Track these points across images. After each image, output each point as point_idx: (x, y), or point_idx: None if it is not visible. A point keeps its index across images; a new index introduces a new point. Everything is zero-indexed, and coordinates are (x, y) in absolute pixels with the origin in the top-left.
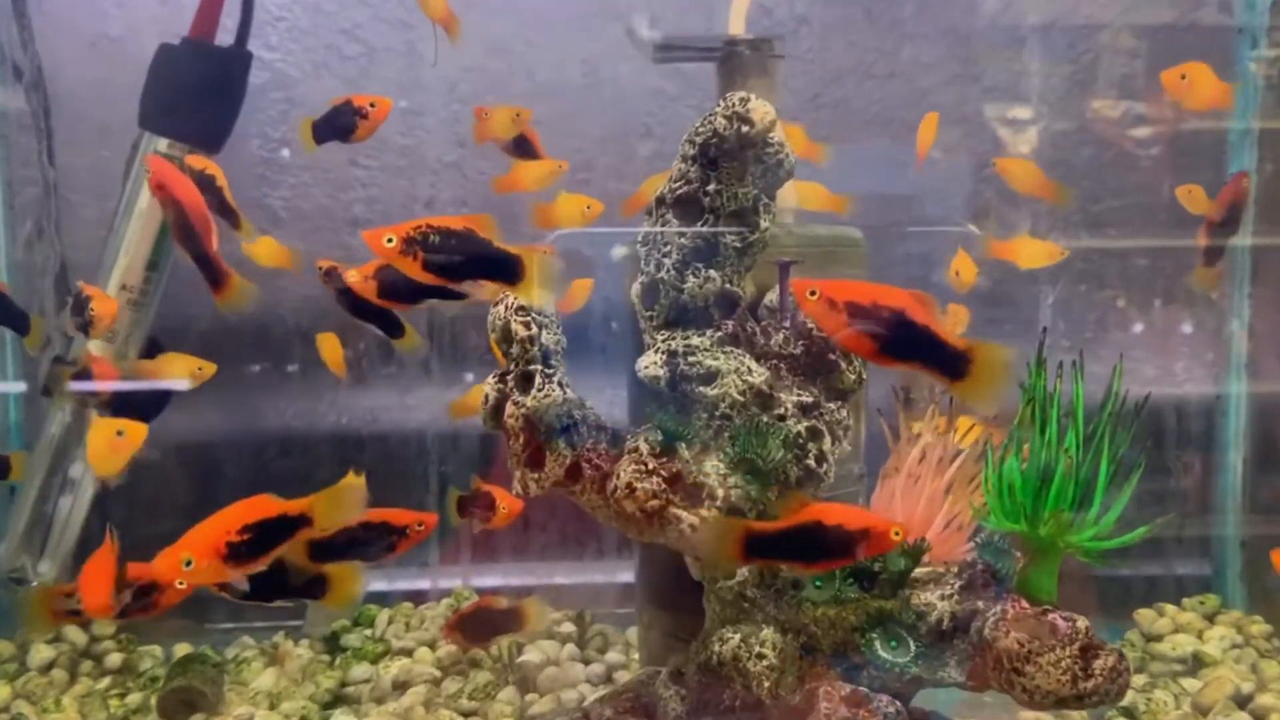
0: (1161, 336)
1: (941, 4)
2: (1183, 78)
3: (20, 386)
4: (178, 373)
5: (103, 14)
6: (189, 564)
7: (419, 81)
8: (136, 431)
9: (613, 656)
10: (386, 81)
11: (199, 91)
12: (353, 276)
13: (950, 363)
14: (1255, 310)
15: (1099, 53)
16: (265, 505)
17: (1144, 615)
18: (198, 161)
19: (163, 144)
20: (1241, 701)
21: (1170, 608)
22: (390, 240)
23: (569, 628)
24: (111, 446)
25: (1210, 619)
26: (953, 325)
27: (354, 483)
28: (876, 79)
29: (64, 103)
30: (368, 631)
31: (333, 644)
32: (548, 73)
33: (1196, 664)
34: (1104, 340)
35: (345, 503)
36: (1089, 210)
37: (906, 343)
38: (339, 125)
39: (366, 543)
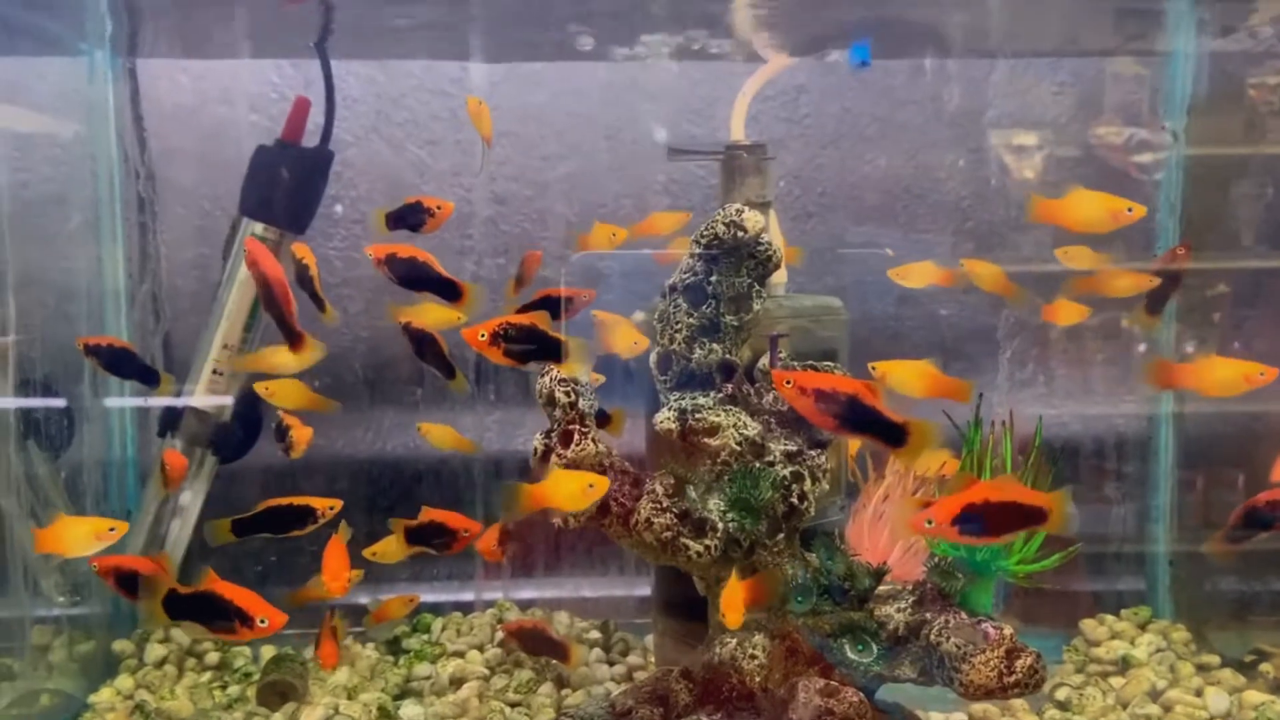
0: (1100, 363)
1: (928, 74)
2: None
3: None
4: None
5: (178, 86)
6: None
7: (459, 144)
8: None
9: (633, 659)
10: (429, 145)
11: (288, 185)
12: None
13: (891, 434)
14: (1180, 336)
15: (1089, 87)
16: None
17: (1088, 624)
18: (299, 250)
19: (259, 227)
20: (1155, 695)
21: (1110, 618)
22: (483, 335)
23: (596, 635)
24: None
25: (1142, 627)
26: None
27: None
28: (869, 140)
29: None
30: (424, 636)
31: (394, 647)
32: (575, 135)
33: (1125, 665)
34: (1041, 365)
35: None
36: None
37: (858, 420)
38: (410, 220)
39: None
